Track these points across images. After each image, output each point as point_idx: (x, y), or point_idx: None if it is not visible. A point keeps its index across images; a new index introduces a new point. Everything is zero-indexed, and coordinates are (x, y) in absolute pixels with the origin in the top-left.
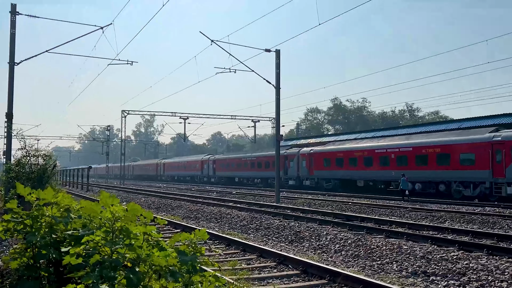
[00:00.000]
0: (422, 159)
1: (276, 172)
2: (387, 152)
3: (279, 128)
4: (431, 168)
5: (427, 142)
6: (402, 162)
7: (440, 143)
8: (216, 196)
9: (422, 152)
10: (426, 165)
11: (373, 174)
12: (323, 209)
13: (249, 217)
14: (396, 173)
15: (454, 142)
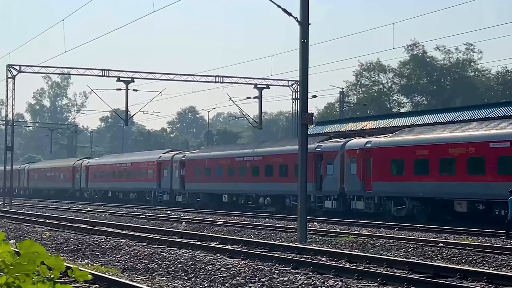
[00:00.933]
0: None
1: (300, 184)
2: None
3: (306, 102)
4: None
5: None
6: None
7: None
8: (187, 229)
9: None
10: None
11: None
12: (388, 254)
13: (248, 270)
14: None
15: None
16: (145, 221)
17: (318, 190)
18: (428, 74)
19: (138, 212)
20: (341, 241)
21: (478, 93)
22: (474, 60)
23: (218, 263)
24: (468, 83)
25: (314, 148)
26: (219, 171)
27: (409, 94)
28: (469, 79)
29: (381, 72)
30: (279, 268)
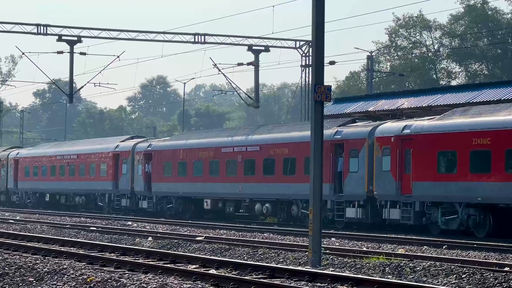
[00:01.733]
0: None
1: (313, 186)
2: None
3: (321, 71)
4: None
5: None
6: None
7: None
8: (155, 246)
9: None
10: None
11: None
12: (434, 282)
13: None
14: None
15: None
16: (96, 235)
17: (338, 194)
18: (490, 33)
19: (87, 222)
20: (369, 263)
21: None
22: None
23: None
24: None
25: (332, 135)
26: (199, 167)
27: (463, 60)
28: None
29: (424, 30)
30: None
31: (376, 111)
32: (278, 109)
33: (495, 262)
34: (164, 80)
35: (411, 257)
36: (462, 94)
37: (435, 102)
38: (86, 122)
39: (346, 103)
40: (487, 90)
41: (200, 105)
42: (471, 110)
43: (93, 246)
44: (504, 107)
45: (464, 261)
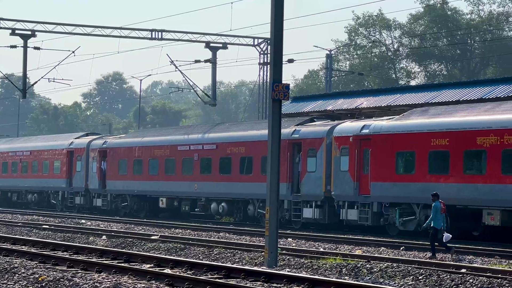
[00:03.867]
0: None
1: (270, 185)
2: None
3: (279, 69)
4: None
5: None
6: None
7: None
8: (109, 245)
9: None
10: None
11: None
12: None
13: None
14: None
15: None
16: (49, 234)
17: (295, 194)
18: (449, 33)
19: (39, 220)
20: (326, 264)
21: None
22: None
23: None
24: (504, 46)
25: (289, 133)
26: (155, 165)
27: (423, 60)
28: (505, 42)
29: (384, 29)
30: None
31: (334, 110)
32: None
33: (451, 264)
34: (120, 76)
35: (368, 258)
36: (421, 94)
37: (394, 102)
38: (39, 118)
39: (304, 102)
40: (446, 90)
41: (156, 102)
42: (430, 110)
43: (46, 244)
44: (463, 108)
45: (421, 262)
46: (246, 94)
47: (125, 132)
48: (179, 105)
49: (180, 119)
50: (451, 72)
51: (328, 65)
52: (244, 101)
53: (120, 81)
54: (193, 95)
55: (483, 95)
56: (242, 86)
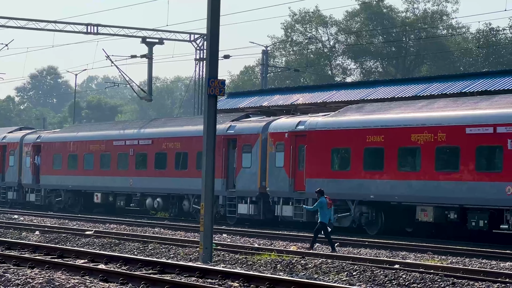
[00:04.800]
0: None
1: (205, 181)
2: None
3: (215, 65)
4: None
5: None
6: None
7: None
8: (42, 240)
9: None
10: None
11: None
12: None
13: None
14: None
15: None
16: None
17: (230, 190)
18: (384, 31)
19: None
20: (261, 260)
21: (452, 59)
22: (448, 14)
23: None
24: (439, 45)
25: (225, 129)
26: (89, 160)
27: (359, 57)
28: (439, 40)
29: (320, 25)
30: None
31: (270, 106)
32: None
33: (385, 260)
34: (55, 70)
35: (303, 254)
36: (356, 91)
37: (329, 99)
38: None
39: (240, 97)
40: (381, 87)
41: (92, 97)
42: (365, 107)
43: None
44: (398, 105)
45: (355, 258)
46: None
47: (60, 127)
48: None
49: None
50: (386, 69)
51: (264, 61)
52: (180, 97)
53: (54, 75)
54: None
55: (417, 93)
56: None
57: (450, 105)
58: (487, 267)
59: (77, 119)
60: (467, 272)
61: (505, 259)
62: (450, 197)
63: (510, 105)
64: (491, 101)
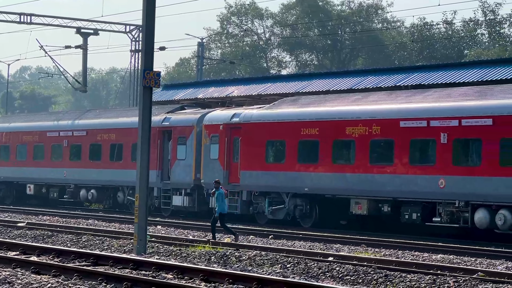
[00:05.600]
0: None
1: (140, 173)
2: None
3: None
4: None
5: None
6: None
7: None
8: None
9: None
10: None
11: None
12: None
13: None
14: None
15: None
16: None
17: (165, 181)
18: (320, 24)
19: None
20: (195, 252)
21: (387, 52)
22: (383, 8)
23: (19, 281)
24: (374, 38)
25: (160, 121)
26: (22, 151)
27: (294, 50)
28: (375, 34)
29: (256, 18)
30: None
31: (205, 98)
32: (106, 94)
33: (319, 252)
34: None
35: (237, 247)
36: (292, 84)
37: (265, 91)
38: None
39: (175, 89)
40: (316, 80)
41: (25, 87)
42: (300, 100)
43: None
44: (333, 98)
45: (289, 251)
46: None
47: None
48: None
49: (49, 105)
50: (321, 62)
51: (199, 53)
52: (115, 88)
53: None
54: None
55: (352, 86)
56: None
57: (384, 98)
58: (419, 259)
59: (9, 109)
60: (399, 264)
61: (437, 252)
62: (384, 190)
63: (443, 99)
64: (425, 94)
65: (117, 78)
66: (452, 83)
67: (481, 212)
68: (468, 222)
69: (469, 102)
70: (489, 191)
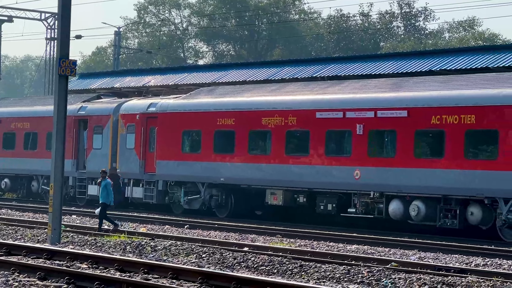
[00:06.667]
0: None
1: (55, 162)
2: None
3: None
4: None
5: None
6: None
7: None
8: None
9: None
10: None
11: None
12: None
13: None
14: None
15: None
16: None
17: (80, 171)
18: (237, 14)
19: None
20: (110, 242)
21: (304, 43)
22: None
23: None
24: (291, 29)
25: (76, 110)
26: None
27: (211, 40)
28: (292, 25)
29: (173, 8)
30: (19, 279)
31: (122, 88)
32: (21, 82)
33: (234, 242)
34: None
35: (152, 236)
36: (208, 74)
37: (181, 81)
38: None
39: (92, 78)
40: (233, 70)
41: None
42: (217, 90)
43: None
44: (249, 88)
45: (205, 240)
46: (32, 69)
47: None
48: None
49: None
50: (238, 52)
51: (116, 42)
52: (30, 76)
53: None
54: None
55: (269, 76)
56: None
57: (301, 89)
58: (334, 250)
59: None
60: (314, 255)
61: (351, 242)
62: (300, 181)
63: (359, 90)
64: (341, 86)
65: (32, 66)
66: (368, 75)
67: (395, 203)
68: (382, 213)
69: (384, 93)
70: (404, 182)
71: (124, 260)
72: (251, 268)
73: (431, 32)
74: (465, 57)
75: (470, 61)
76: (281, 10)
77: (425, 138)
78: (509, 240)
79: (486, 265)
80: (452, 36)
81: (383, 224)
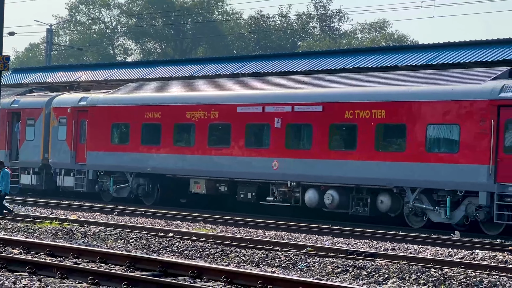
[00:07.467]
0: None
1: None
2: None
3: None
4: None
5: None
6: None
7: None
8: None
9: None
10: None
11: None
12: (103, 246)
13: None
14: None
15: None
16: None
17: (14, 161)
18: (164, 14)
19: None
20: (42, 228)
21: (226, 42)
22: (223, 0)
23: None
24: (214, 29)
25: (9, 103)
26: None
27: (139, 38)
28: (215, 24)
29: (103, 7)
30: None
31: (54, 82)
32: None
33: (160, 228)
34: None
35: (82, 223)
36: (136, 70)
37: (111, 77)
38: None
39: (25, 73)
40: (160, 67)
41: None
42: (144, 85)
43: None
44: (175, 84)
45: (132, 227)
46: None
47: None
48: None
49: None
50: (165, 50)
51: (48, 39)
52: None
53: None
54: None
55: (193, 73)
56: None
57: (223, 85)
58: (253, 236)
59: None
60: (235, 240)
61: (270, 229)
62: (221, 171)
63: (278, 86)
64: (261, 82)
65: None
66: (286, 72)
67: (311, 192)
68: (299, 201)
69: (301, 89)
70: (319, 173)
71: (55, 246)
72: (176, 252)
73: (345, 33)
74: (376, 56)
75: (381, 60)
76: (205, 10)
77: (339, 132)
78: (415, 227)
79: (394, 249)
80: (364, 36)
81: (299, 212)
